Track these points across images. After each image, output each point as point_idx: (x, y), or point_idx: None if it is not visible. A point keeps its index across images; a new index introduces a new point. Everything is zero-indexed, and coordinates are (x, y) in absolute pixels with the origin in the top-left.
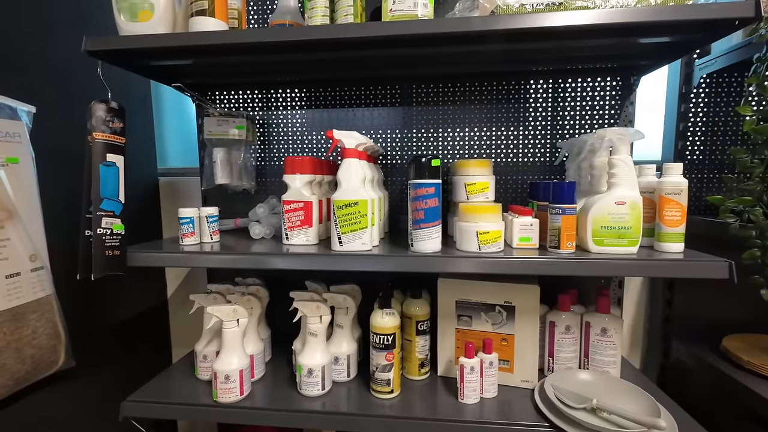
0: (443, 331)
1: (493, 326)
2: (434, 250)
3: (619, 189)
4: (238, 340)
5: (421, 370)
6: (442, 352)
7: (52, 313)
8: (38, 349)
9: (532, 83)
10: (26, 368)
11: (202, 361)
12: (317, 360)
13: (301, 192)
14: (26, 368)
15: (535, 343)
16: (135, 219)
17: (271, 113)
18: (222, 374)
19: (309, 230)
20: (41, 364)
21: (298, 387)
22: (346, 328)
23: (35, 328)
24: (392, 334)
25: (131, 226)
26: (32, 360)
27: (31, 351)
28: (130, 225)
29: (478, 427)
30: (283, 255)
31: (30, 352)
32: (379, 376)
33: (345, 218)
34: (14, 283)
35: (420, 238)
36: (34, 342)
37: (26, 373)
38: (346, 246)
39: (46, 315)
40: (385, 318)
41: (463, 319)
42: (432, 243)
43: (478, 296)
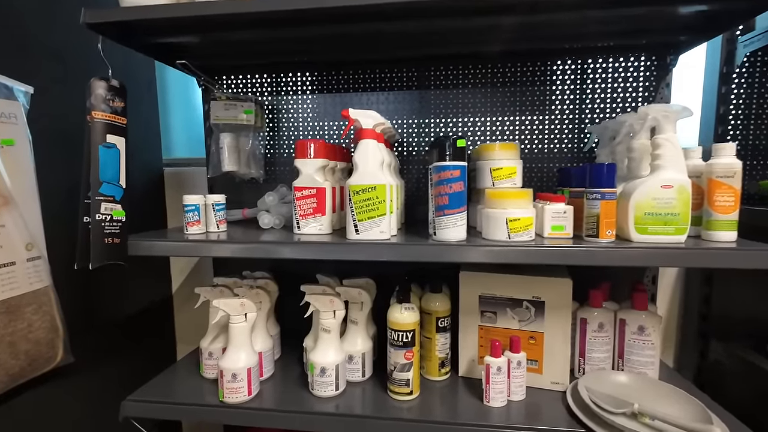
0: (465, 328)
1: (520, 323)
2: (459, 238)
3: (665, 171)
4: (246, 336)
5: (441, 370)
6: (464, 350)
7: (50, 306)
8: (34, 344)
9: (557, 64)
10: (21, 364)
11: (208, 359)
12: (330, 358)
13: (313, 177)
14: (21, 364)
15: (566, 342)
16: (139, 210)
17: (281, 98)
18: (228, 372)
19: (322, 219)
20: (38, 359)
21: (310, 387)
22: (361, 325)
23: (31, 321)
24: (412, 331)
25: (135, 217)
26: (27, 356)
27: (27, 346)
28: (134, 216)
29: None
30: (294, 244)
31: (25, 347)
32: (398, 376)
33: (362, 204)
34: (8, 273)
35: (443, 225)
36: (30, 336)
37: (21, 370)
38: (363, 234)
39: (44, 308)
40: (404, 313)
41: (486, 316)
42: (457, 231)
43: (503, 291)
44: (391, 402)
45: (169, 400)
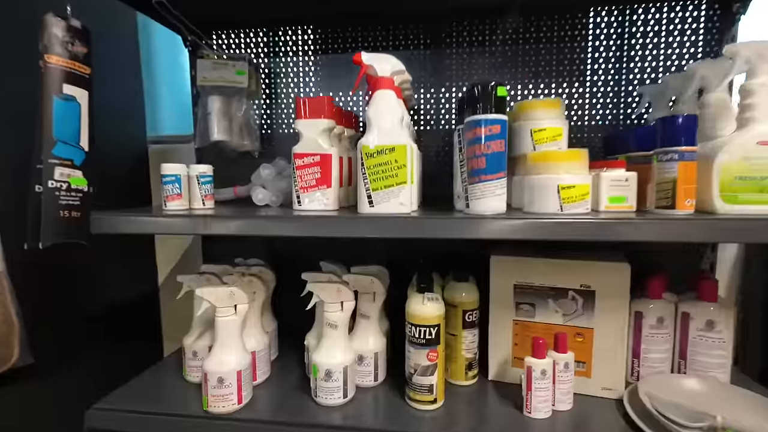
0: (497, 323)
1: (565, 317)
2: (498, 210)
3: (760, 125)
4: (236, 333)
5: (468, 373)
6: (495, 350)
7: (3, 295)
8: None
9: (594, 16)
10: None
11: (192, 359)
12: (338, 359)
13: (317, 142)
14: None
15: (622, 340)
16: (120, 190)
17: (279, 60)
18: (214, 376)
19: (327, 192)
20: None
21: (313, 393)
22: (373, 319)
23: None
24: (436, 326)
25: (114, 198)
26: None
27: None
28: (113, 196)
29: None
30: (293, 219)
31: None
32: (419, 380)
33: (377, 170)
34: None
35: (479, 194)
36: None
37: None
38: (379, 207)
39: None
40: (427, 304)
41: (523, 309)
42: (496, 201)
43: (544, 279)
44: (411, 411)
45: (142, 410)
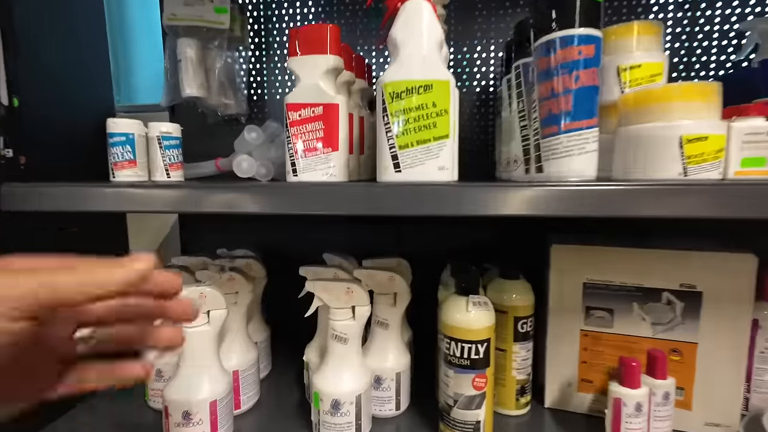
0: (558, 334)
1: (655, 328)
2: (586, 174)
3: None
4: (209, 349)
5: (519, 400)
6: (555, 369)
7: None
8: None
9: None
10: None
11: (155, 380)
12: (348, 385)
13: (318, 88)
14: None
15: (740, 359)
16: (82, 168)
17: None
18: (178, 409)
19: (333, 157)
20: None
21: (315, 429)
22: (394, 328)
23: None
24: (485, 342)
25: (76, 177)
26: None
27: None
28: (75, 175)
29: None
30: (286, 189)
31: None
32: (460, 415)
33: (407, 118)
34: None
35: (561, 150)
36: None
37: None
38: (408, 172)
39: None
40: (472, 312)
41: (595, 315)
42: (584, 161)
43: (628, 275)
44: None
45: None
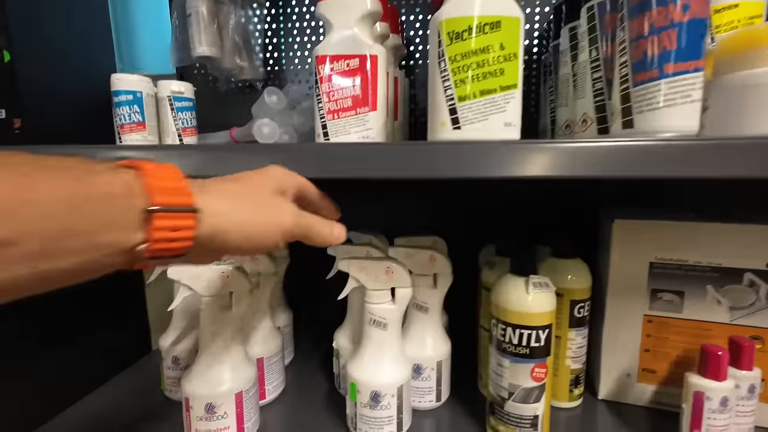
0: (616, 320)
1: (733, 312)
2: (688, 127)
3: None
4: (232, 334)
5: (573, 391)
6: (611, 357)
7: None
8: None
9: None
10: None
11: (172, 368)
12: (389, 375)
13: (354, 36)
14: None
15: None
16: (85, 136)
17: None
18: (200, 402)
19: (370, 117)
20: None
21: (350, 423)
22: (434, 313)
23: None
24: (546, 328)
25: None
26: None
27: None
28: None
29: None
30: (324, 147)
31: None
32: (516, 409)
33: (468, 63)
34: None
35: (660, 98)
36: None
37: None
38: (469, 129)
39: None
40: (533, 295)
41: (663, 299)
42: (687, 111)
43: (704, 253)
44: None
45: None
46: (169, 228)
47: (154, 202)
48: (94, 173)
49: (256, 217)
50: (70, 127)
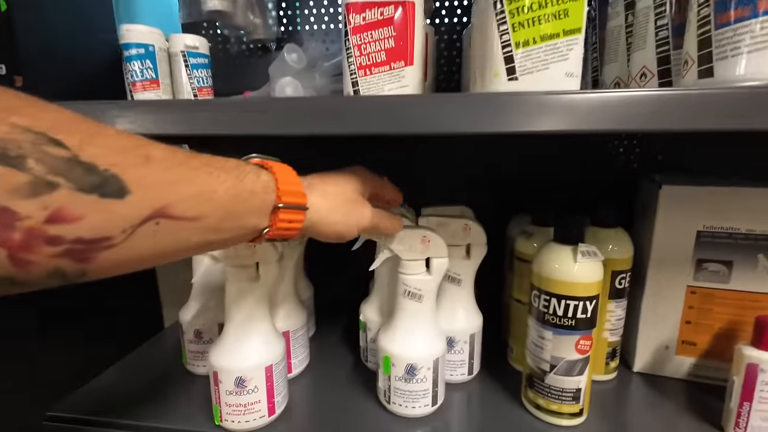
0: (659, 291)
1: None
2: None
3: None
4: (262, 307)
5: (609, 364)
6: (650, 330)
7: None
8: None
9: None
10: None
11: (194, 342)
12: (425, 348)
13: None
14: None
15: None
16: (89, 97)
17: None
18: (230, 376)
19: (406, 73)
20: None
21: (383, 397)
22: (467, 285)
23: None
24: (594, 299)
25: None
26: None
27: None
28: None
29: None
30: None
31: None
32: (558, 382)
33: (527, 4)
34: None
35: (747, 42)
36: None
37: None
38: (527, 79)
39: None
40: (583, 263)
41: (708, 269)
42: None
43: (755, 220)
44: (544, 428)
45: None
46: (287, 220)
47: (282, 201)
48: (246, 173)
49: (342, 217)
50: (73, 85)
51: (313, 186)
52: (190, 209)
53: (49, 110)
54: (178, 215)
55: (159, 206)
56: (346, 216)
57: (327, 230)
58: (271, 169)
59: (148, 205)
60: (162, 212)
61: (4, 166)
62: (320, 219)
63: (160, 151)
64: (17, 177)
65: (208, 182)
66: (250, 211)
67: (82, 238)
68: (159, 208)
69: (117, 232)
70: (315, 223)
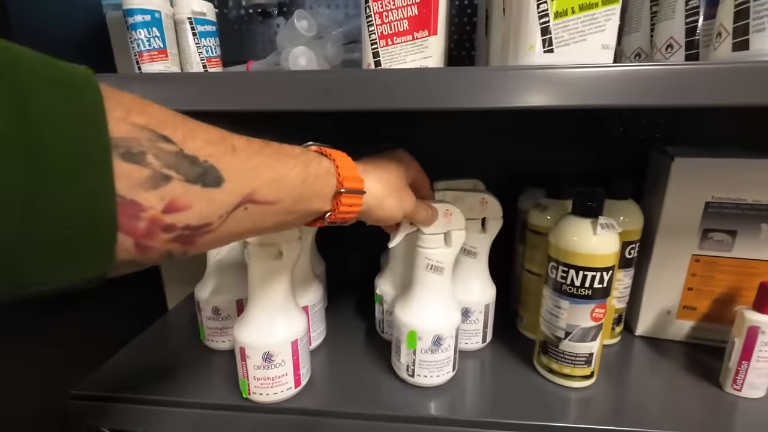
0: (663, 260)
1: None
2: None
3: None
4: (285, 284)
5: (615, 329)
6: (653, 296)
7: None
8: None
9: None
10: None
11: (212, 318)
12: (449, 318)
13: None
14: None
15: None
16: None
17: None
18: (257, 351)
19: (430, 43)
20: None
21: (406, 370)
22: (482, 257)
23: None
24: (611, 269)
25: None
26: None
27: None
28: None
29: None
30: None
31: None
32: (573, 348)
33: None
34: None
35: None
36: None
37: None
38: (564, 51)
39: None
40: (601, 236)
41: (713, 239)
42: None
43: (762, 191)
44: (553, 389)
45: (148, 396)
46: (348, 204)
47: (344, 186)
48: (310, 159)
49: (393, 201)
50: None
51: (368, 172)
52: (271, 194)
53: (153, 107)
54: (261, 200)
55: (247, 192)
56: (398, 200)
57: (380, 214)
58: (330, 156)
59: (239, 192)
60: (250, 198)
61: (129, 163)
62: (375, 203)
63: (241, 141)
64: (140, 172)
65: (282, 168)
66: (316, 195)
67: (190, 225)
68: (247, 194)
69: (215, 218)
70: (371, 207)
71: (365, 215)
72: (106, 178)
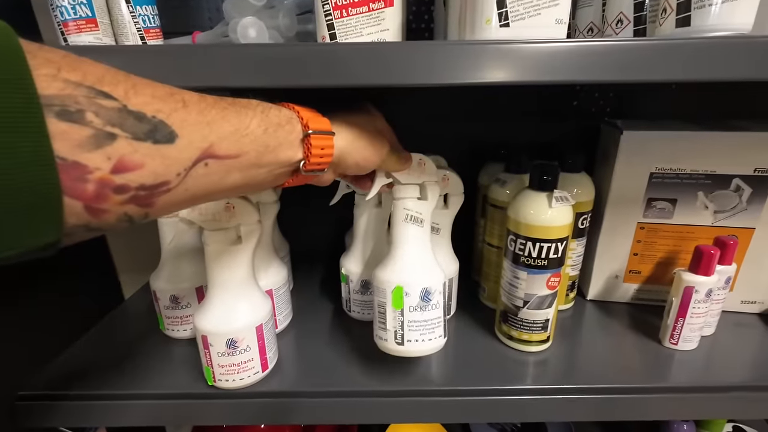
0: (612, 229)
1: (716, 216)
2: (746, 24)
3: None
4: (245, 271)
5: (569, 295)
6: (603, 262)
7: None
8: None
9: None
10: None
11: (171, 307)
12: (431, 269)
13: None
14: None
15: None
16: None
17: None
18: (220, 339)
19: (387, 14)
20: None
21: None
22: (445, 233)
23: None
24: (564, 240)
25: None
26: None
27: None
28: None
29: (733, 397)
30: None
31: None
32: (530, 315)
33: None
34: None
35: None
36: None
37: None
38: (519, 25)
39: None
40: (556, 209)
41: (656, 207)
42: (746, 9)
43: (701, 161)
44: (514, 355)
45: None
46: (320, 147)
47: (309, 128)
48: (268, 108)
49: (367, 144)
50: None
51: (333, 118)
52: (232, 147)
53: (88, 63)
54: (222, 154)
55: (205, 147)
56: (370, 143)
57: (356, 157)
58: (287, 106)
59: (196, 147)
60: (209, 153)
61: (67, 122)
62: (347, 145)
63: (192, 96)
64: (81, 131)
65: (240, 120)
66: (283, 143)
67: (145, 185)
68: (205, 149)
69: (173, 176)
70: (345, 151)
71: (341, 162)
72: (42, 140)
